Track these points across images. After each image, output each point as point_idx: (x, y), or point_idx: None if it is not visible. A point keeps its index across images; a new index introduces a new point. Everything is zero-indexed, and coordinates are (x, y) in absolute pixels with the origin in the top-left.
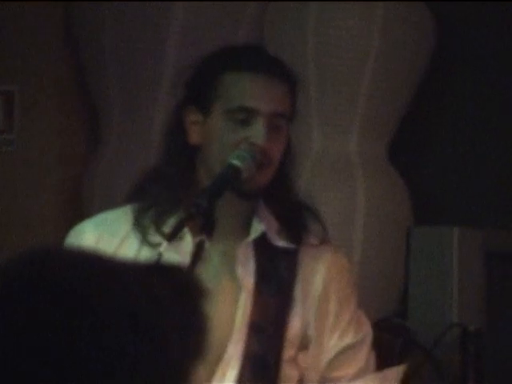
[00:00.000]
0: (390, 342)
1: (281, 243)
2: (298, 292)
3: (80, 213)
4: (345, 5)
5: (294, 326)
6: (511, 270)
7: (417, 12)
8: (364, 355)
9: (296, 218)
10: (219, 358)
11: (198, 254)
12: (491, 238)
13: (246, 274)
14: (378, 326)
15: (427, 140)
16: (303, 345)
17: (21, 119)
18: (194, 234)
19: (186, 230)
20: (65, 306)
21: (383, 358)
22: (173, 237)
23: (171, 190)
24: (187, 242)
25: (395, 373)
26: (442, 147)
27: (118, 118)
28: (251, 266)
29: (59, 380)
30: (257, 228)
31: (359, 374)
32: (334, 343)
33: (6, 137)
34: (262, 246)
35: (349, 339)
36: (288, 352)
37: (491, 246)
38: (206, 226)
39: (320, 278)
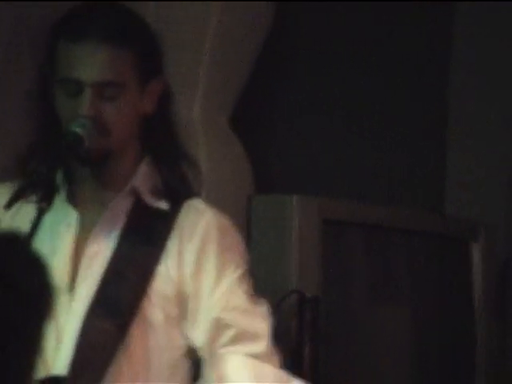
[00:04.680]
0: None
1: (155, 203)
2: (171, 247)
3: None
4: None
5: (160, 278)
6: (345, 238)
7: None
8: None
9: (177, 179)
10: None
11: (38, 220)
12: (327, 205)
13: (110, 227)
14: None
15: (268, 110)
16: (183, 308)
17: None
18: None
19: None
20: None
21: None
22: (11, 204)
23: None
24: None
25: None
26: (282, 117)
27: None
28: (119, 220)
29: None
30: (128, 186)
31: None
32: (216, 302)
33: None
34: (139, 205)
35: (237, 303)
36: (161, 305)
37: (327, 213)
38: (46, 194)
39: (198, 235)
